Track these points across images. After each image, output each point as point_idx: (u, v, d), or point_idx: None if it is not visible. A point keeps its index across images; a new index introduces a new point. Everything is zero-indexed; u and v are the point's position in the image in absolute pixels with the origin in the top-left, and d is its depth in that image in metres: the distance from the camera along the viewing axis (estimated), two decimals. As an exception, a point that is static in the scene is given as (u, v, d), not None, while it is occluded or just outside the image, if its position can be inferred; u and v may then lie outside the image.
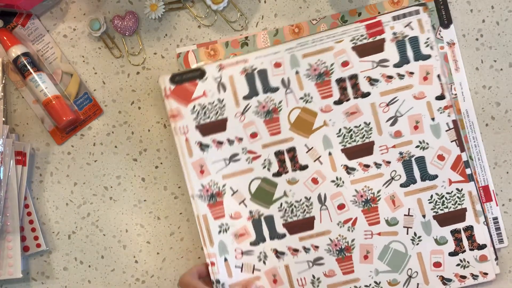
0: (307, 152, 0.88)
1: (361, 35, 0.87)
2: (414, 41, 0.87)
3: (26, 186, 0.91)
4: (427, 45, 0.87)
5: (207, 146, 0.88)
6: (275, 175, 0.88)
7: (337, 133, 0.88)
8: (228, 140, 0.88)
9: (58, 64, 0.93)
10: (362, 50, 0.88)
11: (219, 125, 0.88)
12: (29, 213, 0.92)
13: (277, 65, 0.88)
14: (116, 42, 0.93)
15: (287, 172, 0.88)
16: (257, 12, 0.92)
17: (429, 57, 0.87)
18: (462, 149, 0.87)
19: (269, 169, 0.88)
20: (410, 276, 0.88)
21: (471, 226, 0.88)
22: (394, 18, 0.87)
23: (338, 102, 0.88)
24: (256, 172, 0.88)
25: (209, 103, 0.88)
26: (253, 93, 0.88)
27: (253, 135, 0.88)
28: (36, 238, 0.92)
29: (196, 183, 0.88)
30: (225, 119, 0.88)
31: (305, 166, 0.88)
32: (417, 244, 0.88)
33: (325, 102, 0.88)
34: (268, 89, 0.88)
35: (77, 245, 0.93)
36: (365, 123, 0.88)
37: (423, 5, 0.87)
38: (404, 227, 0.88)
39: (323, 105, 0.88)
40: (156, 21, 0.93)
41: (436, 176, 0.87)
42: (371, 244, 0.88)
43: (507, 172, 0.90)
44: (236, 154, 0.88)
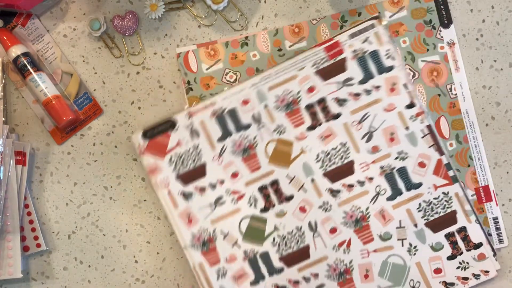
0: (289, 182, 0.88)
1: (322, 58, 0.88)
2: (374, 55, 0.87)
3: (26, 186, 0.91)
4: (388, 57, 0.87)
5: (191, 194, 0.88)
6: (262, 210, 0.88)
7: (316, 159, 0.88)
8: (210, 184, 0.88)
9: (58, 64, 0.93)
10: (326, 73, 0.88)
11: (199, 171, 0.88)
12: (29, 213, 0.92)
13: (245, 102, 0.88)
14: (116, 42, 0.93)
15: (274, 205, 0.88)
16: (257, 12, 0.92)
17: (392, 68, 0.87)
18: (441, 152, 0.87)
19: (255, 206, 0.88)
20: (413, 287, 0.88)
21: (464, 227, 0.88)
22: (351, 36, 0.88)
23: (311, 128, 0.88)
24: (243, 212, 0.88)
25: (185, 152, 0.88)
26: (226, 134, 0.88)
27: (234, 174, 0.88)
28: (36, 238, 0.92)
29: (186, 234, 0.88)
30: (204, 164, 0.88)
31: (291, 197, 0.88)
32: (414, 254, 0.88)
33: (298, 130, 0.88)
34: (240, 127, 0.88)
35: (77, 245, 0.93)
36: (341, 143, 0.88)
37: (377, 18, 0.88)
38: (398, 239, 0.88)
39: (297, 133, 0.88)
40: (156, 21, 0.93)
41: (420, 184, 0.88)
42: (369, 262, 0.88)
43: (507, 172, 0.90)
44: (220, 197, 0.88)
